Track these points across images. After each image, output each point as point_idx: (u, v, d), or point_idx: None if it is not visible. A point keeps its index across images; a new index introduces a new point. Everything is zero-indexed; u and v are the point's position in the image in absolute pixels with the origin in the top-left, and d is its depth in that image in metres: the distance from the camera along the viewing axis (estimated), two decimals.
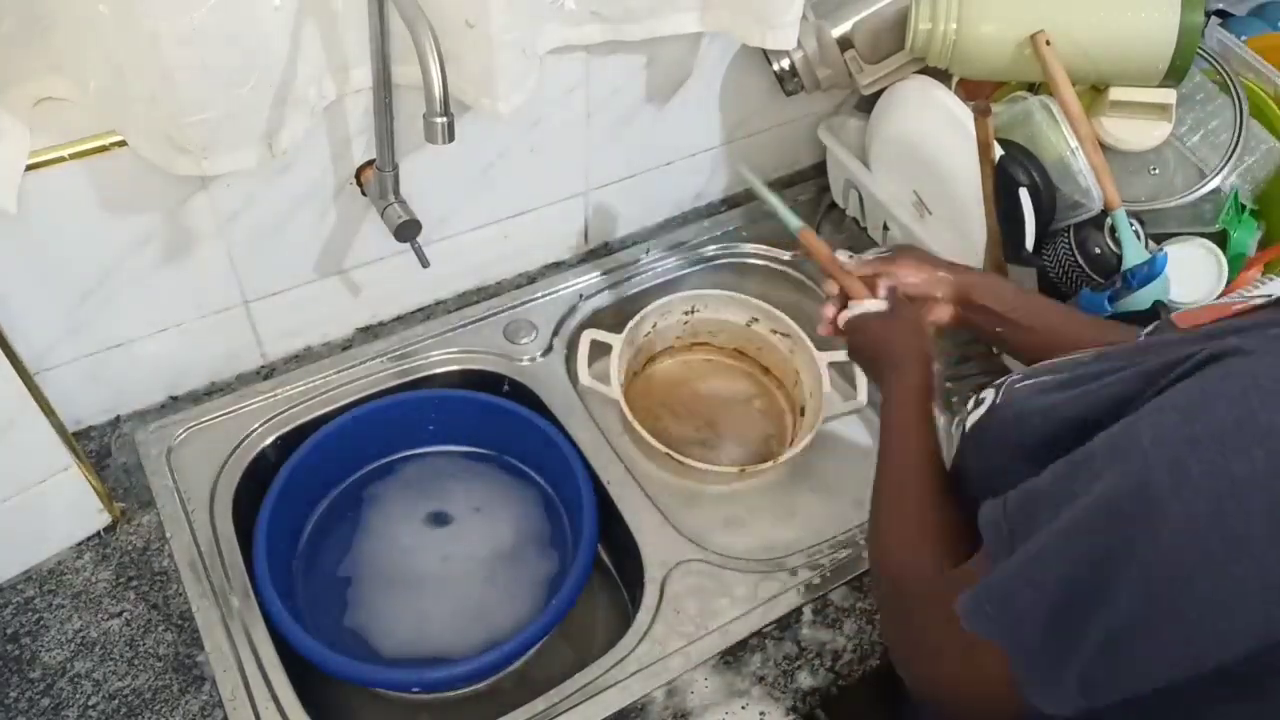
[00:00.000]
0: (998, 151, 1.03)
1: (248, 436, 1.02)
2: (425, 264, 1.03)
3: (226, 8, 0.75)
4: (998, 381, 0.69)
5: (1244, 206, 1.07)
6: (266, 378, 1.08)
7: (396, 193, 0.98)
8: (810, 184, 1.36)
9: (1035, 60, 1.02)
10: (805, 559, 0.96)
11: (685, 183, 1.29)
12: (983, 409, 0.68)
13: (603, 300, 1.20)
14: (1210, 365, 0.50)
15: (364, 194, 1.00)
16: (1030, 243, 1.04)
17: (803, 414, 1.16)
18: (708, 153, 1.27)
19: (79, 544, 0.94)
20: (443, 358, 1.11)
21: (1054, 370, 0.66)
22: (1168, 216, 1.07)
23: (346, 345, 1.13)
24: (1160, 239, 1.05)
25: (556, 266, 1.23)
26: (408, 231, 0.98)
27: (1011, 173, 1.03)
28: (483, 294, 1.19)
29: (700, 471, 1.05)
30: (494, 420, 1.07)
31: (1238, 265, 1.05)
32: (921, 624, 0.63)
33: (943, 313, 0.91)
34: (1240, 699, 0.52)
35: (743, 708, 0.85)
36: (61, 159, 0.82)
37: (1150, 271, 0.98)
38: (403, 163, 0.97)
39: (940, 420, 0.80)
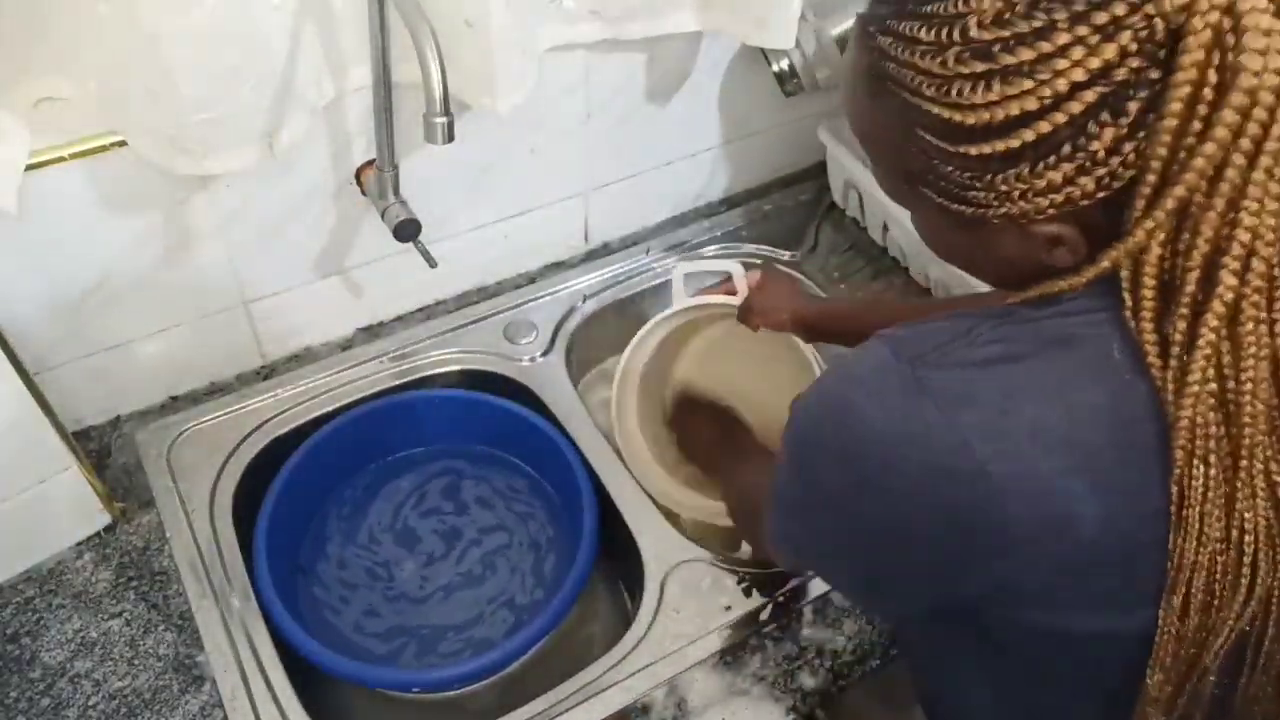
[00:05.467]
0: None
1: (248, 436, 1.01)
2: (433, 264, 1.03)
3: (226, 8, 0.75)
4: None
5: None
6: (266, 378, 1.08)
7: (396, 193, 0.98)
8: (810, 184, 1.36)
9: None
10: None
11: (685, 183, 1.29)
12: None
13: (603, 300, 1.19)
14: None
15: (364, 194, 1.00)
16: None
17: None
18: (708, 153, 1.27)
19: (79, 544, 0.94)
20: (443, 358, 1.11)
21: None
22: None
23: (346, 345, 1.13)
24: None
25: (557, 266, 1.23)
26: (407, 231, 0.98)
27: None
28: (483, 294, 1.19)
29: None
30: (494, 420, 1.07)
31: None
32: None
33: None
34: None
35: (743, 708, 0.86)
36: (61, 159, 0.82)
37: None
38: (403, 163, 0.97)
39: None
